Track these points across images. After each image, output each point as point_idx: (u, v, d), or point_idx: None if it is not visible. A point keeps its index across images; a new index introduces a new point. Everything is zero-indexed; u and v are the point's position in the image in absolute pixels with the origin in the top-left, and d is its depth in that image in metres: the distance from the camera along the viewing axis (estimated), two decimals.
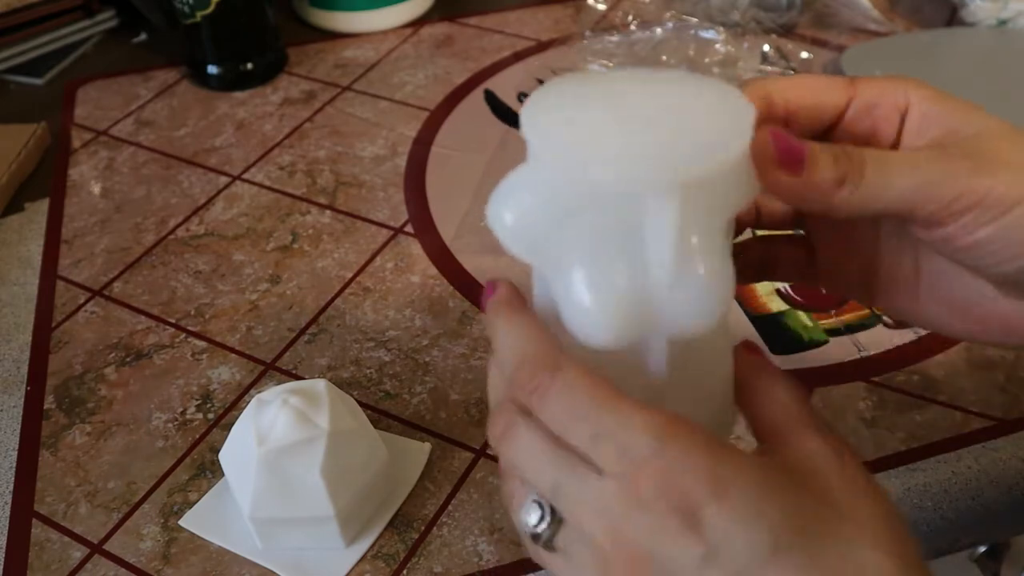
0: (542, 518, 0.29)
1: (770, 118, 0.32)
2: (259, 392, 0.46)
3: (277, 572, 0.44)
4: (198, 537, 0.46)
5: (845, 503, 0.27)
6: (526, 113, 0.29)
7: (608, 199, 0.28)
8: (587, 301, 0.28)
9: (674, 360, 0.31)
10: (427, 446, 0.49)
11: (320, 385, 0.44)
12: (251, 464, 0.42)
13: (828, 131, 0.33)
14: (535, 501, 0.29)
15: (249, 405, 0.44)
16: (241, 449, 0.43)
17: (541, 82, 0.76)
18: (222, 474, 0.48)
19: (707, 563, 0.26)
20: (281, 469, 0.42)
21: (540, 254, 0.30)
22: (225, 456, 0.45)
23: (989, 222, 0.29)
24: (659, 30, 0.80)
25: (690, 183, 0.27)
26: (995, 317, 0.33)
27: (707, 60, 0.77)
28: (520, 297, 0.32)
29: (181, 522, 0.46)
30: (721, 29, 0.79)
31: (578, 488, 0.27)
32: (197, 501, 0.48)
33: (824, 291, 0.39)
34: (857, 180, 0.29)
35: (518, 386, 0.29)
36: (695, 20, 0.80)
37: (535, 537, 0.29)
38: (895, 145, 0.32)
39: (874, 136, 0.32)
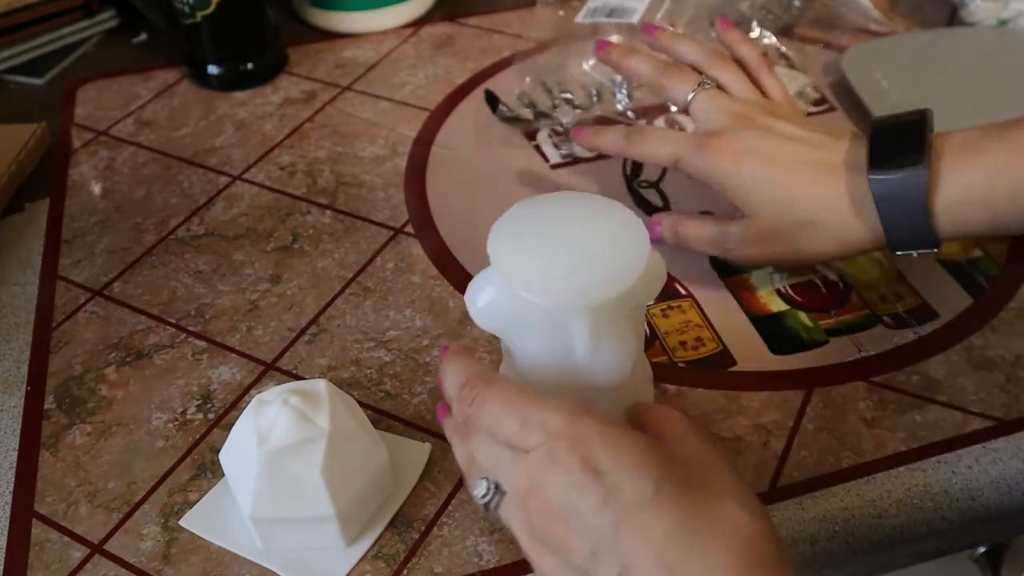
0: (487, 490, 0.37)
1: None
2: (259, 392, 0.46)
3: (277, 572, 0.44)
4: (198, 537, 0.46)
5: (709, 467, 0.36)
6: (492, 235, 0.41)
7: (545, 314, 0.40)
8: (536, 373, 0.41)
9: (601, 400, 0.41)
10: (427, 446, 0.49)
11: (320, 385, 0.44)
12: (251, 464, 0.42)
13: None
14: (482, 478, 0.37)
15: (249, 405, 0.44)
16: (241, 449, 0.43)
17: (542, 83, 0.76)
18: (222, 474, 0.48)
19: (604, 502, 0.33)
20: (281, 469, 0.42)
21: (503, 329, 0.42)
22: (225, 456, 0.45)
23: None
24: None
25: (595, 307, 0.39)
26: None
27: None
28: (466, 350, 0.42)
29: (182, 522, 0.46)
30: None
31: (511, 459, 0.36)
32: (197, 501, 0.48)
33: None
34: (682, 234, 0.58)
35: (462, 400, 0.38)
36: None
37: (485, 507, 0.37)
38: None
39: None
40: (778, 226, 0.52)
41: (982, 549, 0.57)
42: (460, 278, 0.60)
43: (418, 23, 0.87)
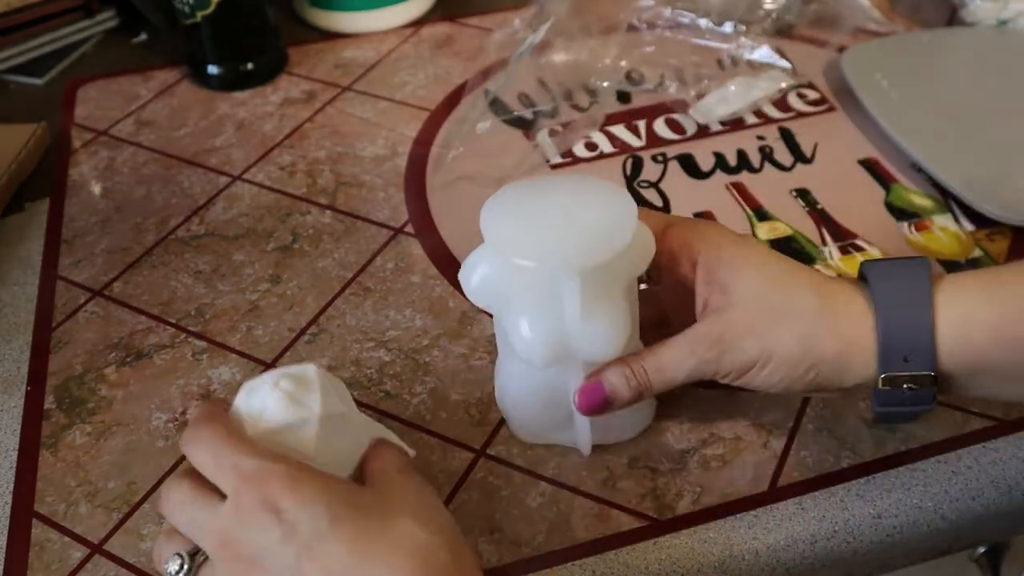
0: (181, 566, 0.38)
1: None
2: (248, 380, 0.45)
3: None
4: None
5: (393, 494, 0.38)
6: (484, 212, 0.42)
7: (534, 275, 0.41)
8: (528, 339, 0.42)
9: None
10: (411, 452, 0.47)
11: (310, 370, 0.43)
12: (306, 438, 0.41)
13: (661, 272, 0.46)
14: (176, 554, 0.38)
15: (240, 391, 0.43)
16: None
17: (541, 81, 0.76)
18: None
19: (285, 539, 0.35)
20: (337, 429, 0.42)
21: (496, 306, 0.44)
22: None
23: (738, 379, 0.44)
24: (659, 30, 0.80)
25: (585, 269, 0.40)
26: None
27: (697, 59, 0.77)
28: (216, 405, 0.41)
29: None
30: (722, 29, 0.79)
31: (206, 517, 0.37)
32: None
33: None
34: (648, 390, 0.44)
35: (183, 440, 0.39)
36: (693, 17, 0.80)
37: None
38: (692, 282, 0.45)
39: (685, 278, 0.45)
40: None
41: (982, 549, 0.57)
42: None
43: (418, 23, 0.87)
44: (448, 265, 0.61)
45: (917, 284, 0.42)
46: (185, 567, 0.37)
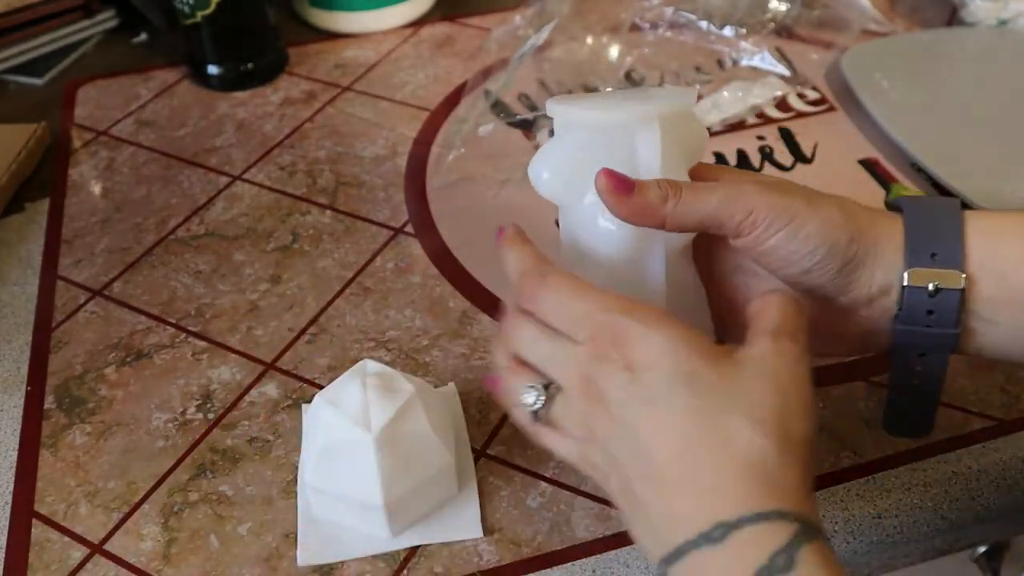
0: (537, 398, 0.38)
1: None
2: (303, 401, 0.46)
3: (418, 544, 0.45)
4: (198, 537, 0.46)
5: (743, 378, 0.35)
6: (553, 104, 0.42)
7: (613, 139, 0.41)
8: (608, 223, 0.40)
9: (668, 276, 0.41)
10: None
11: (368, 364, 0.45)
12: (364, 454, 0.42)
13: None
14: (531, 387, 0.38)
15: (312, 408, 0.46)
16: (341, 450, 0.43)
17: (542, 83, 0.76)
18: (222, 472, 0.49)
19: (631, 394, 0.35)
20: (396, 444, 0.43)
21: (568, 196, 0.42)
22: (319, 470, 0.44)
23: (774, 234, 0.39)
24: (661, 31, 0.80)
25: (664, 116, 0.40)
26: (812, 325, 0.40)
27: (697, 60, 0.77)
28: (523, 234, 0.42)
29: (300, 565, 0.45)
30: (722, 30, 0.79)
31: (563, 355, 0.37)
32: (197, 501, 0.48)
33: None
34: (676, 199, 0.40)
35: (519, 293, 0.40)
36: (695, 19, 0.80)
37: (534, 415, 0.38)
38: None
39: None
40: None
41: (982, 549, 0.57)
42: (460, 278, 0.60)
43: (418, 23, 0.87)
44: (448, 265, 0.61)
45: (946, 202, 0.41)
46: (541, 398, 0.38)
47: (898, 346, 0.42)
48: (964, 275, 0.39)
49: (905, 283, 0.40)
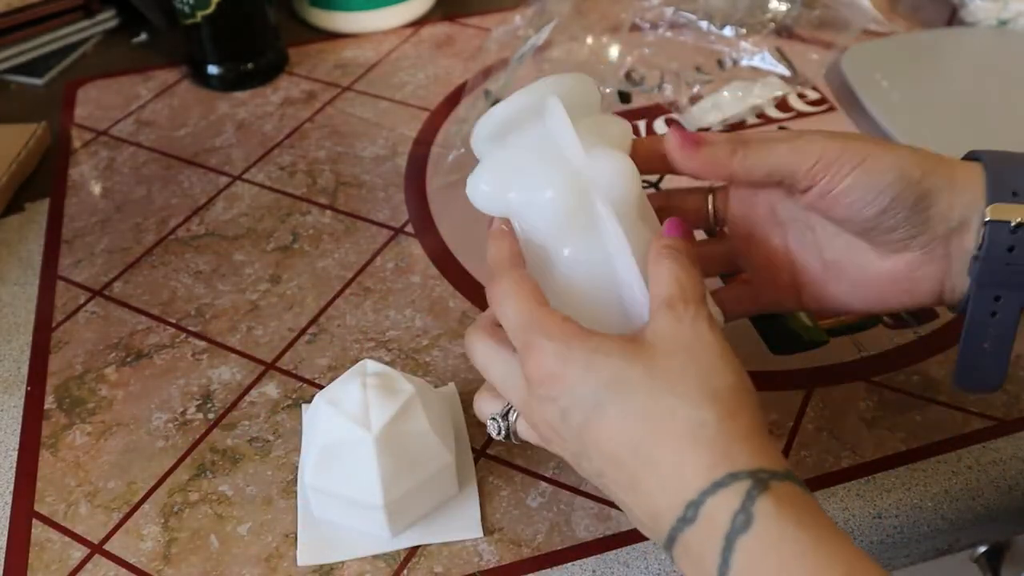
0: (499, 430, 0.41)
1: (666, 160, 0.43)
2: (304, 401, 0.46)
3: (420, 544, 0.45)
4: (198, 537, 0.46)
5: (657, 363, 0.35)
6: (472, 139, 0.43)
7: (527, 138, 0.41)
8: (545, 191, 0.40)
9: (629, 233, 0.40)
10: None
11: (368, 364, 0.45)
12: (364, 454, 0.42)
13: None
14: (492, 418, 0.41)
15: (311, 408, 0.46)
16: (340, 449, 0.43)
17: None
18: (222, 472, 0.49)
19: (564, 419, 0.36)
20: (396, 444, 0.43)
21: (510, 200, 0.41)
22: (320, 467, 0.44)
23: (847, 174, 0.39)
24: (661, 31, 0.80)
25: (561, 90, 0.41)
26: (880, 277, 0.42)
27: (697, 60, 0.77)
28: (506, 229, 0.41)
29: (300, 564, 0.45)
30: (722, 30, 0.79)
31: (511, 381, 0.38)
32: (197, 501, 0.48)
33: (761, 310, 0.47)
34: (745, 150, 0.40)
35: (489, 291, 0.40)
36: (695, 19, 0.80)
37: (505, 440, 0.41)
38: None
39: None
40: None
41: (982, 549, 0.57)
42: (460, 278, 0.60)
43: (418, 23, 0.87)
44: (448, 265, 0.61)
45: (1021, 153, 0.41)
46: (502, 430, 0.40)
47: (975, 287, 0.41)
48: None
49: (987, 218, 0.39)
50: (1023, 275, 0.40)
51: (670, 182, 0.67)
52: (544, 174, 0.40)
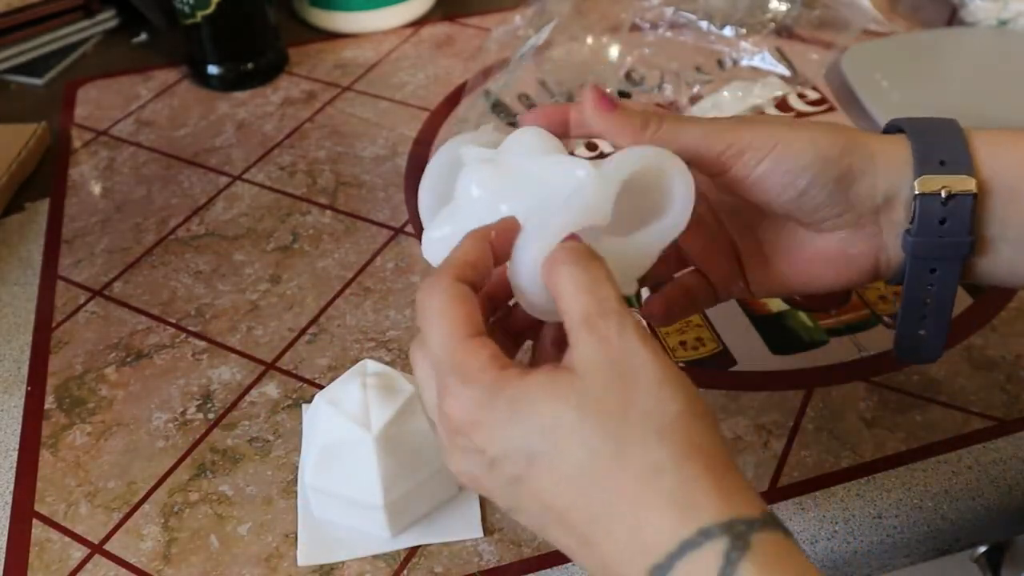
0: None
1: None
2: (303, 402, 0.46)
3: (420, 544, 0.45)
4: (198, 537, 0.46)
5: (596, 401, 0.31)
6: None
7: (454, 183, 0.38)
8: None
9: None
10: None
11: (368, 364, 0.45)
12: (364, 454, 0.42)
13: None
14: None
15: (312, 407, 0.45)
16: (339, 450, 0.43)
17: (542, 83, 0.76)
18: (222, 472, 0.49)
19: (492, 471, 0.32)
20: (396, 444, 0.43)
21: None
22: (320, 468, 0.44)
23: (760, 161, 0.38)
24: (661, 31, 0.80)
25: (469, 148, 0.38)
26: (817, 257, 0.41)
27: (697, 60, 0.77)
28: (487, 233, 0.36)
29: (300, 565, 0.45)
30: (722, 30, 0.79)
31: (437, 417, 0.34)
32: (197, 501, 0.48)
33: (715, 301, 0.45)
34: (656, 126, 0.38)
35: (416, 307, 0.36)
36: (695, 19, 0.80)
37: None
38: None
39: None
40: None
41: (982, 549, 0.57)
42: None
43: (418, 23, 0.87)
44: None
45: (945, 120, 0.40)
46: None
47: (909, 261, 0.40)
48: (975, 180, 0.38)
49: (916, 191, 0.38)
50: (957, 246, 0.39)
51: None
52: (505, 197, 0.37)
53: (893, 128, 0.41)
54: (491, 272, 0.35)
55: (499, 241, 0.35)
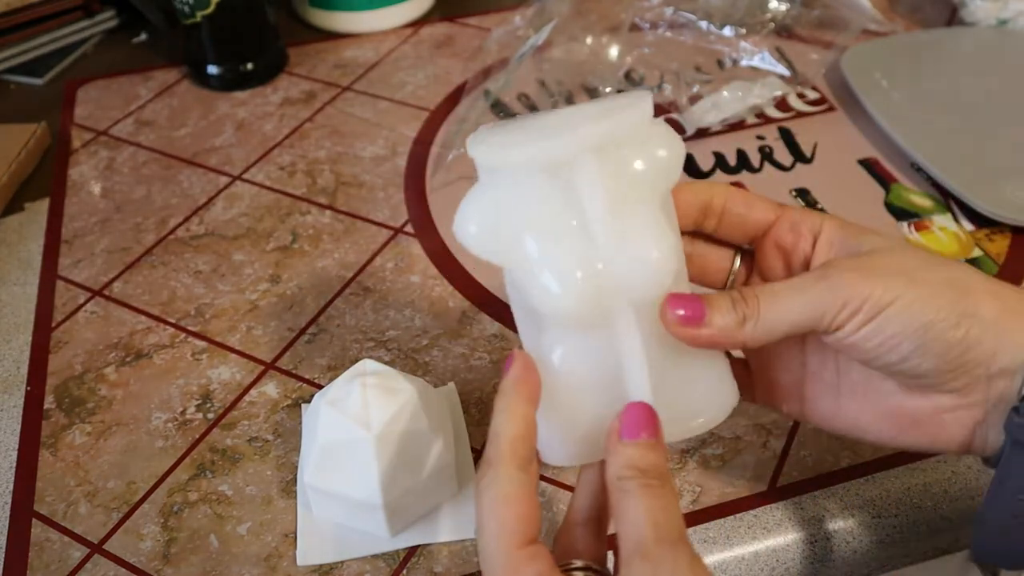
0: None
1: (709, 211, 0.39)
2: (303, 401, 0.46)
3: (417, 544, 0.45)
4: (198, 537, 0.46)
5: None
6: (473, 143, 0.34)
7: (544, 182, 0.33)
8: (550, 282, 0.33)
9: (648, 336, 0.34)
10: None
11: (368, 364, 0.45)
12: (363, 454, 0.42)
13: (758, 237, 0.39)
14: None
15: (312, 407, 0.45)
16: (339, 450, 0.43)
17: (542, 83, 0.76)
18: (222, 472, 0.49)
19: None
20: (396, 444, 0.43)
21: (504, 254, 0.34)
22: (320, 468, 0.44)
23: (869, 321, 0.33)
24: (661, 31, 0.80)
25: (600, 144, 0.33)
26: (902, 413, 0.36)
27: (697, 60, 0.77)
28: (528, 374, 0.34)
29: (299, 565, 0.45)
30: (722, 30, 0.79)
31: None
32: (197, 501, 0.48)
33: (757, 402, 0.42)
34: (755, 317, 0.34)
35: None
36: (695, 19, 0.80)
37: None
38: (809, 258, 0.38)
39: (795, 247, 0.38)
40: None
41: None
42: (460, 278, 0.60)
43: (418, 23, 0.87)
44: (448, 265, 0.61)
45: None
46: None
47: (1010, 444, 0.34)
48: None
49: None
50: None
51: None
52: (567, 256, 0.33)
53: None
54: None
55: (535, 396, 0.34)
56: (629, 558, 0.30)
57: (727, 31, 0.78)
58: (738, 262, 0.41)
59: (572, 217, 0.33)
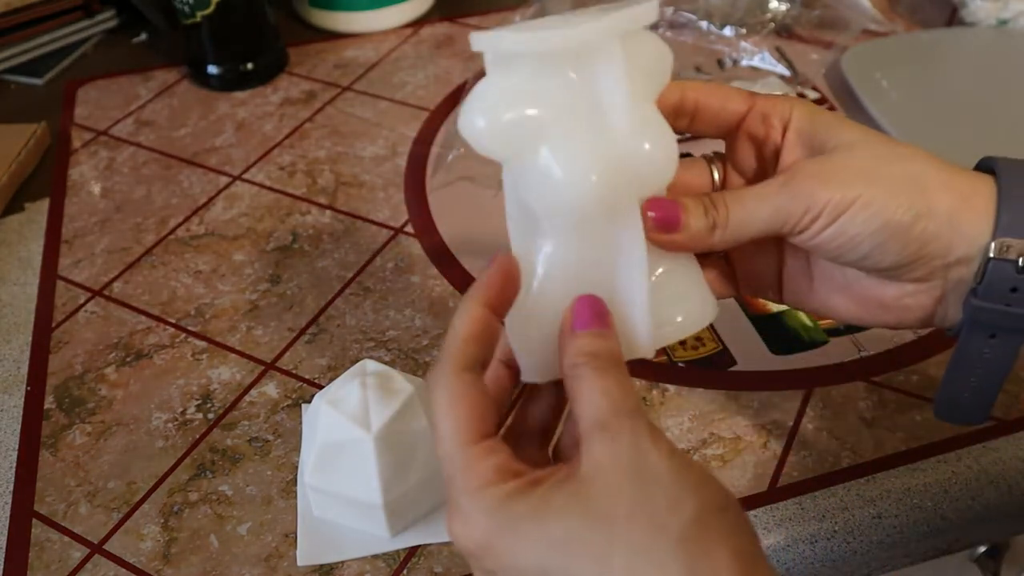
0: None
1: (681, 110, 0.39)
2: (304, 402, 0.46)
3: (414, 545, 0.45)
4: (198, 537, 0.46)
5: (606, 508, 0.29)
6: (481, 37, 0.33)
7: (563, 68, 0.33)
8: (565, 174, 0.32)
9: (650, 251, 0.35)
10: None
11: (368, 364, 0.45)
12: (363, 454, 0.42)
13: (731, 131, 0.40)
14: None
15: (312, 407, 0.45)
16: (340, 449, 0.43)
17: None
18: (222, 472, 0.49)
19: None
20: (396, 444, 0.43)
21: (513, 147, 0.33)
22: (322, 467, 0.44)
23: (829, 224, 0.35)
24: (661, 31, 0.80)
25: (626, 33, 0.33)
26: (869, 297, 0.39)
27: (697, 60, 0.77)
28: (506, 272, 0.34)
29: (300, 565, 0.45)
30: (722, 30, 0.79)
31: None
32: (197, 501, 0.48)
33: (742, 294, 0.44)
34: (724, 223, 0.36)
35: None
36: (695, 19, 0.80)
37: None
38: (779, 148, 0.39)
39: (767, 138, 0.39)
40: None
41: (982, 549, 0.57)
42: (460, 278, 0.60)
43: (418, 23, 0.87)
44: (448, 265, 0.61)
45: None
46: None
47: (968, 323, 0.36)
48: None
49: (991, 254, 0.35)
50: (1022, 320, 0.36)
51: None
52: (587, 148, 0.32)
53: (987, 167, 0.38)
54: (498, 335, 0.34)
55: (498, 300, 0.34)
56: (589, 433, 0.31)
57: (727, 31, 0.78)
58: (716, 174, 0.42)
59: (590, 108, 0.33)
